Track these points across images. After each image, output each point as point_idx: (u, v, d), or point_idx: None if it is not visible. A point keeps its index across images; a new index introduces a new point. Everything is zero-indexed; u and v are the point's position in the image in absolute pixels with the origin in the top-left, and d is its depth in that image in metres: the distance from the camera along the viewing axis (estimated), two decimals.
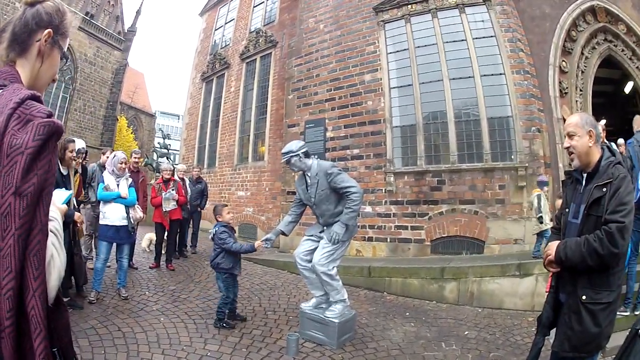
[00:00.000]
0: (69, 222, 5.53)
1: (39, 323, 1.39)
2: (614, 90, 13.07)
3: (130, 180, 7.25)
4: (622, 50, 9.96)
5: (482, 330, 6.53)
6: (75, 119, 32.71)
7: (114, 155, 7.16)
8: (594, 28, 10.03)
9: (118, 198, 6.84)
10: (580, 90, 10.02)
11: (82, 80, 33.66)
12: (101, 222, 6.89)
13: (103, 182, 6.90)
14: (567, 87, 9.77)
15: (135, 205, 7.17)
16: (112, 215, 6.80)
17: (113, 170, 6.96)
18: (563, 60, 9.76)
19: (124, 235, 6.95)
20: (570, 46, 9.92)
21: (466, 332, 6.41)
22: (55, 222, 1.60)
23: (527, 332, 6.34)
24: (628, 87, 12.56)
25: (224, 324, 6.11)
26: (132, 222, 7.01)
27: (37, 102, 1.47)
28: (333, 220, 5.78)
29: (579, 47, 9.98)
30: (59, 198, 1.89)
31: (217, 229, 6.32)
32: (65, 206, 1.96)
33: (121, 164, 7.02)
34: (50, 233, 1.49)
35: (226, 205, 6.60)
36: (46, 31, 1.65)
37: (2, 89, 1.51)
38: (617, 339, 5.15)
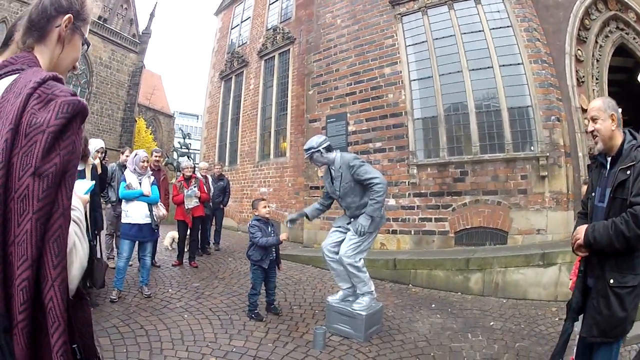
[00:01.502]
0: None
1: (58, 316, 1.30)
2: (628, 78, 12.88)
3: (152, 178, 7.25)
4: (634, 39, 9.81)
5: (507, 320, 6.47)
6: (92, 122, 32.94)
7: (135, 154, 7.15)
8: (606, 16, 9.86)
9: (141, 196, 6.84)
10: (597, 79, 9.87)
11: (98, 84, 33.97)
12: (124, 220, 6.89)
13: (125, 180, 6.90)
14: (583, 76, 9.63)
15: (159, 203, 7.16)
16: (135, 213, 6.80)
17: (135, 169, 6.96)
18: (578, 49, 9.61)
19: (147, 233, 6.96)
20: (585, 35, 9.77)
21: (492, 323, 6.35)
22: (78, 212, 1.53)
23: (551, 322, 6.27)
24: None
25: (253, 315, 6.16)
26: (156, 219, 7.00)
27: (59, 83, 1.40)
28: (359, 212, 5.73)
29: (593, 36, 9.83)
30: (81, 188, 1.82)
31: (251, 222, 6.39)
32: (87, 196, 1.88)
33: (143, 162, 7.01)
34: (73, 224, 1.42)
35: (264, 199, 6.58)
36: (66, 16, 1.61)
37: (19, 72, 1.44)
38: (635, 329, 5.08)
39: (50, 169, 1.25)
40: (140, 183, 6.92)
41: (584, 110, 8.84)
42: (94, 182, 5.15)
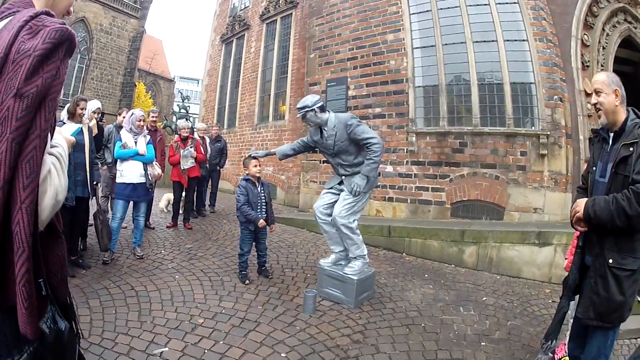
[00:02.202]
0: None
1: (23, 242, 1.28)
2: (634, 71, 12.77)
3: (148, 137, 7.14)
4: None
5: (500, 297, 6.45)
6: (92, 88, 32.71)
7: (132, 113, 7.01)
8: (615, 7, 9.75)
9: (136, 155, 6.73)
10: (602, 66, 9.76)
11: (99, 50, 33.66)
12: (118, 180, 6.78)
13: (120, 140, 6.78)
14: (589, 61, 9.52)
15: (154, 162, 7.07)
16: (130, 172, 6.70)
17: (131, 129, 6.84)
18: (585, 34, 9.48)
19: (142, 193, 6.88)
20: (592, 21, 9.64)
21: (484, 298, 6.34)
22: (60, 149, 1.55)
23: (545, 303, 6.26)
24: None
25: (239, 276, 6.17)
26: (150, 179, 6.92)
27: (51, 17, 1.45)
28: (352, 171, 5.69)
29: (600, 23, 9.70)
30: (68, 130, 1.87)
31: (239, 182, 6.33)
32: (73, 138, 1.94)
33: (139, 121, 6.88)
34: (51, 156, 1.45)
35: (255, 158, 6.37)
36: None
37: (16, 14, 1.48)
38: (629, 323, 5.05)
39: (32, 90, 1.30)
40: (135, 142, 6.80)
41: (588, 95, 8.76)
42: (80, 125, 5.08)
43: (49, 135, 1.45)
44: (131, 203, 6.92)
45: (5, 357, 1.41)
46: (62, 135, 1.66)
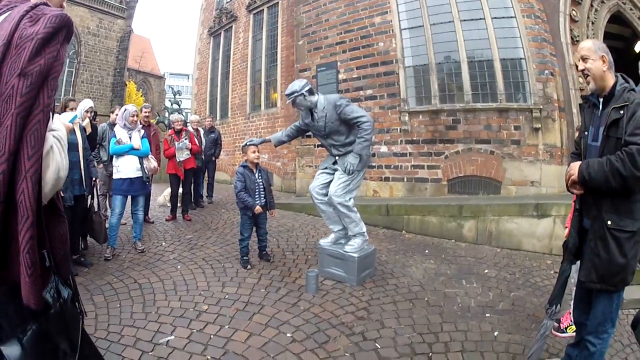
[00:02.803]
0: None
1: (27, 209, 1.35)
2: (625, 47, 12.78)
3: (142, 131, 7.16)
4: (631, 9, 9.78)
5: (501, 269, 6.51)
6: (83, 91, 32.53)
7: (125, 109, 7.02)
8: None
9: (131, 150, 6.75)
10: None
11: (87, 53, 33.54)
12: (115, 176, 6.81)
13: (115, 136, 6.79)
14: (578, 36, 9.49)
15: (149, 156, 7.09)
16: (126, 167, 6.72)
17: (125, 124, 6.85)
18: (573, 9, 9.46)
19: (139, 187, 6.91)
20: None
21: (486, 271, 6.39)
22: (61, 132, 1.63)
23: (547, 274, 6.31)
24: (638, 46, 12.29)
25: (241, 262, 6.22)
26: (147, 172, 6.95)
27: (49, 7, 1.55)
28: (345, 150, 5.72)
29: None
30: (66, 117, 1.96)
31: (237, 168, 6.36)
32: (71, 125, 2.01)
33: (132, 116, 6.89)
34: (53, 138, 1.53)
35: (253, 145, 6.36)
36: None
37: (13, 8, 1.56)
38: (634, 292, 5.08)
39: (35, 68, 1.39)
40: (130, 137, 6.82)
41: (579, 62, 8.72)
42: (76, 114, 5.10)
43: (50, 114, 1.50)
44: (129, 198, 6.94)
45: (10, 336, 1.43)
46: (61, 121, 1.74)
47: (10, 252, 1.37)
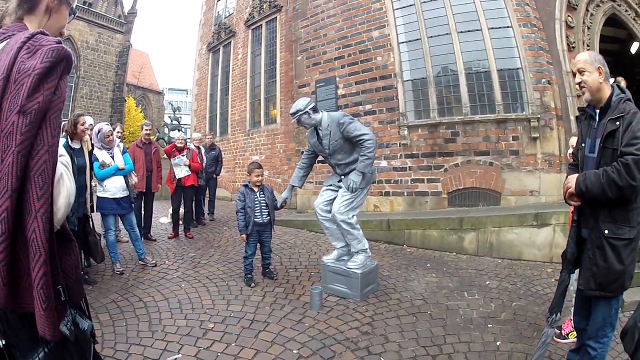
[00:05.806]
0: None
1: (39, 247, 1.35)
2: (621, 49, 12.90)
3: (121, 145, 7.18)
4: (626, 11, 9.88)
5: (503, 280, 6.54)
6: (82, 106, 32.76)
7: (99, 130, 6.79)
8: None
9: (117, 171, 6.74)
10: (588, 46, 9.82)
11: (86, 67, 33.76)
12: (100, 194, 6.72)
13: (97, 160, 6.64)
14: (574, 42, 9.59)
15: (132, 172, 7.14)
16: (113, 187, 6.69)
17: (102, 146, 6.75)
18: (569, 16, 9.56)
19: (127, 206, 6.91)
20: (575, 2, 9.70)
21: (487, 282, 6.42)
22: (66, 158, 1.66)
23: (547, 282, 6.35)
24: (634, 48, 12.46)
25: (244, 280, 6.26)
26: (134, 192, 7.07)
27: (46, 36, 1.55)
28: (349, 169, 5.75)
29: (583, 4, 9.78)
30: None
31: (240, 188, 6.46)
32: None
33: (108, 137, 6.75)
34: (61, 165, 1.56)
35: (260, 167, 6.46)
36: None
37: (12, 37, 1.58)
38: (634, 295, 5.10)
39: (34, 106, 1.39)
40: (112, 157, 6.79)
41: (575, 75, 8.78)
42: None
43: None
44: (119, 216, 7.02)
45: (24, 357, 1.49)
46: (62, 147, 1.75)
47: (21, 286, 1.40)
